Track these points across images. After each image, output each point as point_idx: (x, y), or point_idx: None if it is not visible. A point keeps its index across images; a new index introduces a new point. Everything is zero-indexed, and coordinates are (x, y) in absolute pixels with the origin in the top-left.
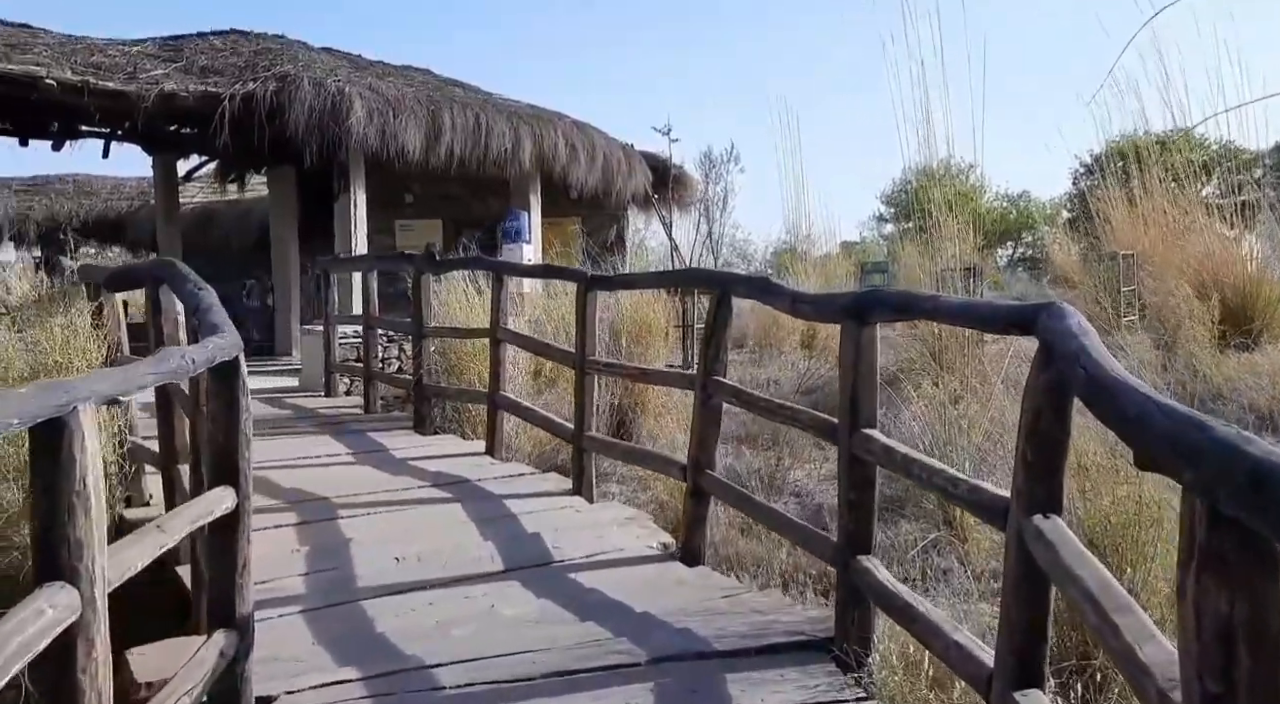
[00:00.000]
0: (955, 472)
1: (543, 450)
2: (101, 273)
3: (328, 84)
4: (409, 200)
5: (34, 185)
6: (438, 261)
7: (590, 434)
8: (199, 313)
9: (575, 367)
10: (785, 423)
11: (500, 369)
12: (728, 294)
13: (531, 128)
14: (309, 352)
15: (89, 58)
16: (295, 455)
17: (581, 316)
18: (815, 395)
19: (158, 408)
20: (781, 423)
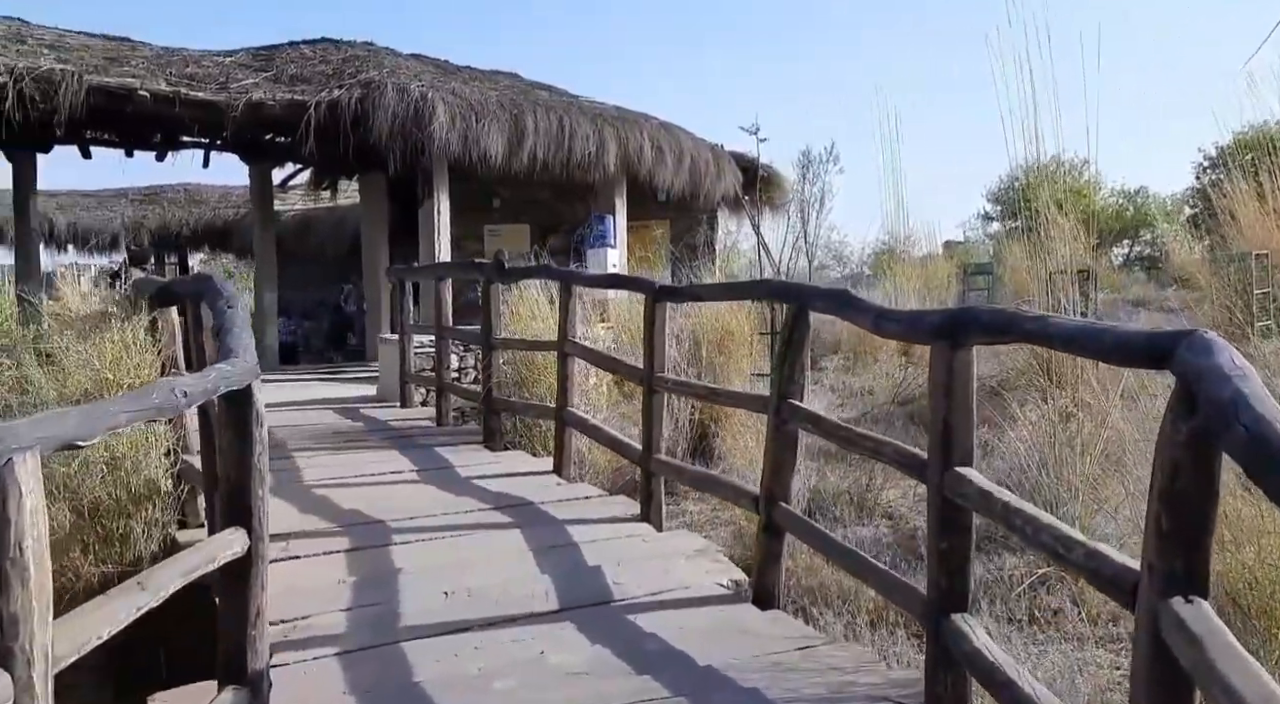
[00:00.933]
0: (1069, 530)
1: (618, 466)
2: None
3: (411, 89)
4: (496, 205)
5: (149, 194)
6: (506, 270)
7: (659, 457)
8: (220, 334)
9: (643, 384)
10: (868, 456)
11: (569, 384)
12: (805, 309)
13: (616, 130)
14: (386, 361)
15: (184, 69)
16: (359, 473)
17: (650, 330)
18: (913, 406)
19: (200, 427)
20: (863, 455)
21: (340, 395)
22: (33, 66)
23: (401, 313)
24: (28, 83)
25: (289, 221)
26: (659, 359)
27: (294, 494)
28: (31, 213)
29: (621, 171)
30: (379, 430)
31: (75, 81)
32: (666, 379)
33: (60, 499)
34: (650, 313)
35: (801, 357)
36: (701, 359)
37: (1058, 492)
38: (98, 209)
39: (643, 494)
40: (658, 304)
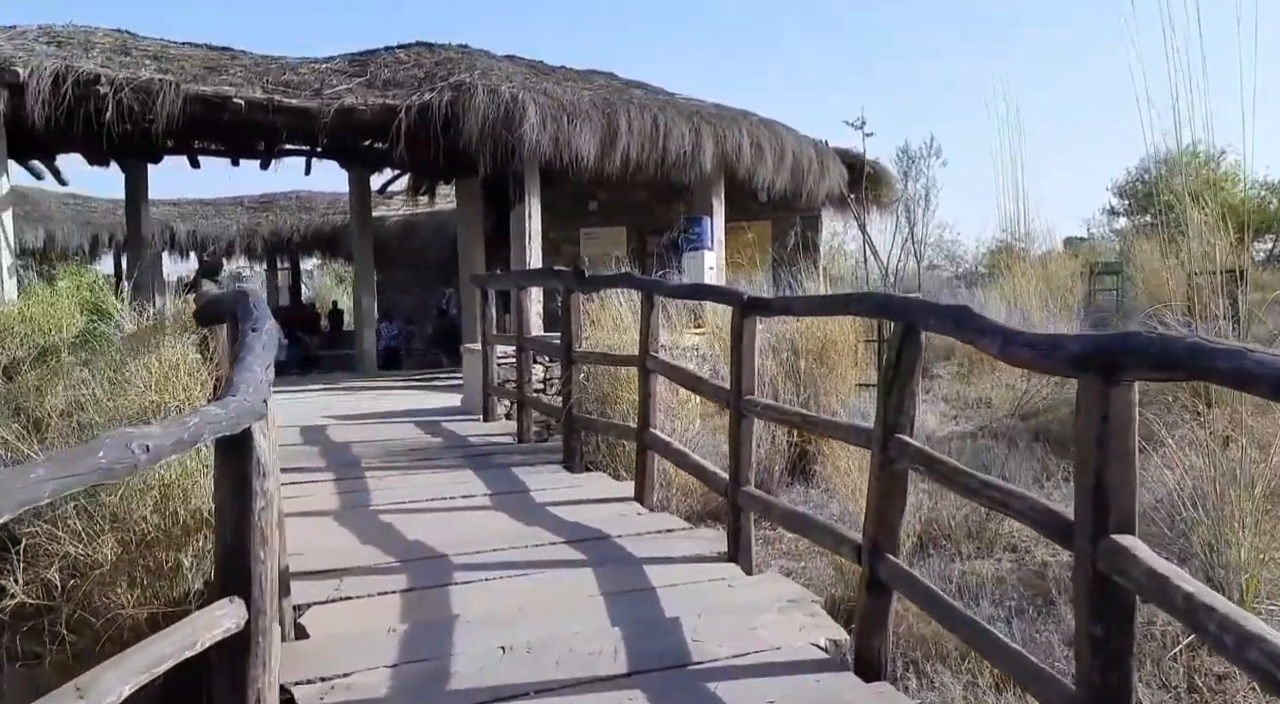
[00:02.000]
0: None
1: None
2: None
3: (502, 91)
4: (593, 208)
5: (263, 202)
6: (586, 278)
7: (747, 490)
8: (234, 362)
9: (729, 407)
10: (995, 509)
11: (651, 402)
12: (914, 328)
13: (713, 128)
14: (470, 372)
15: (280, 76)
16: (430, 496)
17: (737, 346)
18: (1037, 421)
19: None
20: (988, 508)
21: (426, 406)
22: (132, 77)
23: (484, 322)
24: (127, 93)
25: (393, 226)
26: (747, 379)
27: (358, 521)
28: (143, 221)
29: (719, 171)
30: (456, 448)
31: (173, 91)
32: (756, 402)
33: (107, 530)
34: (738, 327)
35: (911, 383)
36: (800, 372)
37: (1219, 532)
38: (215, 217)
39: (730, 530)
40: (746, 318)
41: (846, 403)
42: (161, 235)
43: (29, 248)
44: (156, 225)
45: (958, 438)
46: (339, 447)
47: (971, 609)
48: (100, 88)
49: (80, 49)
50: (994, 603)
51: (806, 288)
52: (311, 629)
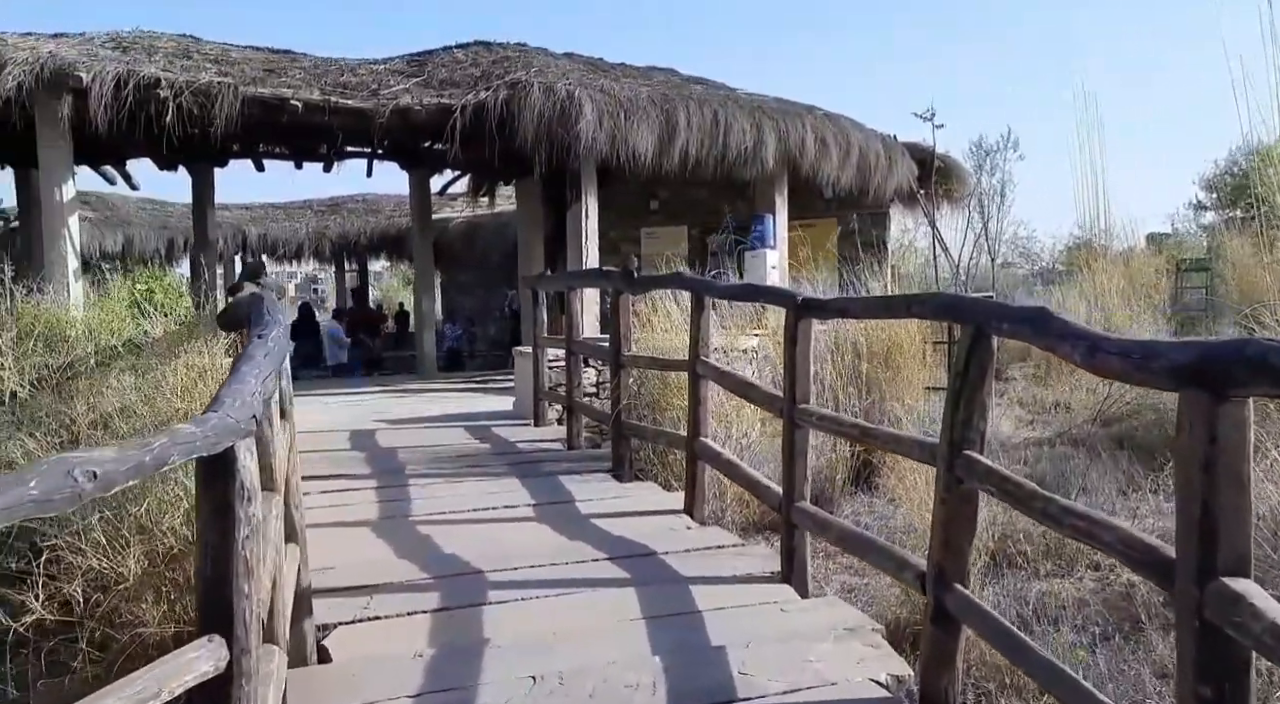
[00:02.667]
0: None
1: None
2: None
3: (557, 88)
4: (654, 207)
5: (331, 205)
6: (635, 279)
7: (801, 506)
8: (230, 373)
9: (783, 416)
10: (1079, 540)
11: (701, 409)
12: (984, 333)
13: (776, 123)
14: (521, 375)
15: (338, 78)
16: (472, 506)
17: (791, 351)
18: (1120, 427)
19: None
20: (1071, 537)
21: (479, 410)
22: (192, 80)
23: (535, 324)
24: (186, 96)
25: (456, 228)
26: (802, 386)
27: (396, 532)
28: (209, 223)
29: (782, 167)
30: (504, 454)
31: (231, 93)
32: (811, 411)
33: (133, 542)
34: (792, 330)
35: (981, 394)
36: (863, 375)
37: None
38: (285, 220)
39: (783, 549)
40: (800, 320)
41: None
42: (234, 239)
43: (109, 252)
44: (229, 229)
45: (1033, 445)
46: (386, 452)
47: (1050, 635)
48: (160, 91)
49: (144, 54)
50: (1075, 628)
51: (871, 288)
52: (335, 651)
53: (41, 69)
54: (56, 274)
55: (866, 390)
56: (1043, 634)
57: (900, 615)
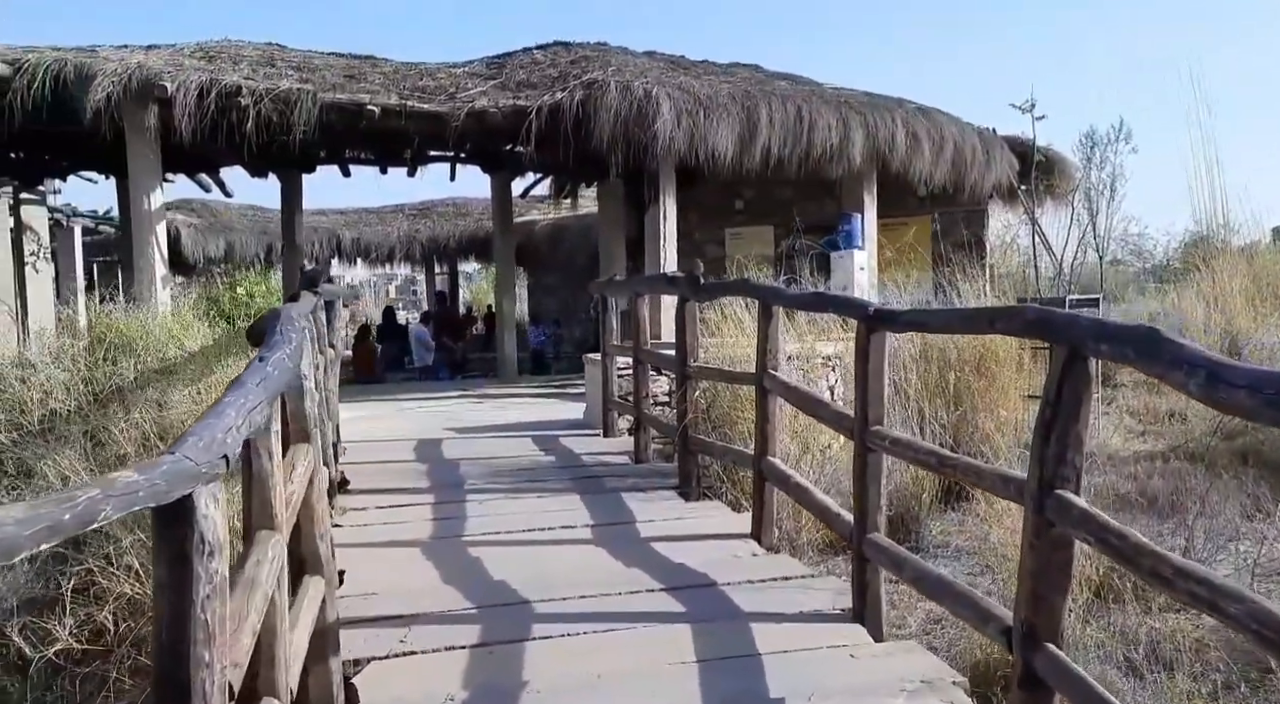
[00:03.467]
0: None
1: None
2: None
3: (634, 87)
4: (739, 206)
5: (422, 209)
6: (701, 286)
7: (875, 538)
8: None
9: (854, 438)
10: (1201, 609)
11: (770, 426)
12: (1080, 356)
13: (863, 118)
14: (592, 383)
15: (417, 82)
16: (527, 526)
17: (863, 366)
18: (1243, 441)
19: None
20: (1189, 605)
21: (549, 418)
22: (272, 87)
23: (603, 331)
24: (266, 103)
25: (542, 230)
26: (875, 406)
27: (446, 554)
28: (298, 229)
29: (871, 163)
30: (569, 468)
31: (310, 99)
32: (884, 434)
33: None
34: (863, 344)
35: (1076, 426)
36: (951, 385)
37: None
38: (378, 224)
39: (855, 584)
40: (873, 333)
41: (1008, 423)
42: (329, 243)
43: (212, 256)
44: (324, 233)
45: (1144, 459)
46: (448, 464)
47: (1163, 683)
48: (241, 99)
49: (229, 63)
50: (1193, 675)
51: (963, 291)
52: (364, 691)
53: (129, 80)
54: (144, 281)
55: (955, 402)
56: (1155, 682)
57: (991, 655)
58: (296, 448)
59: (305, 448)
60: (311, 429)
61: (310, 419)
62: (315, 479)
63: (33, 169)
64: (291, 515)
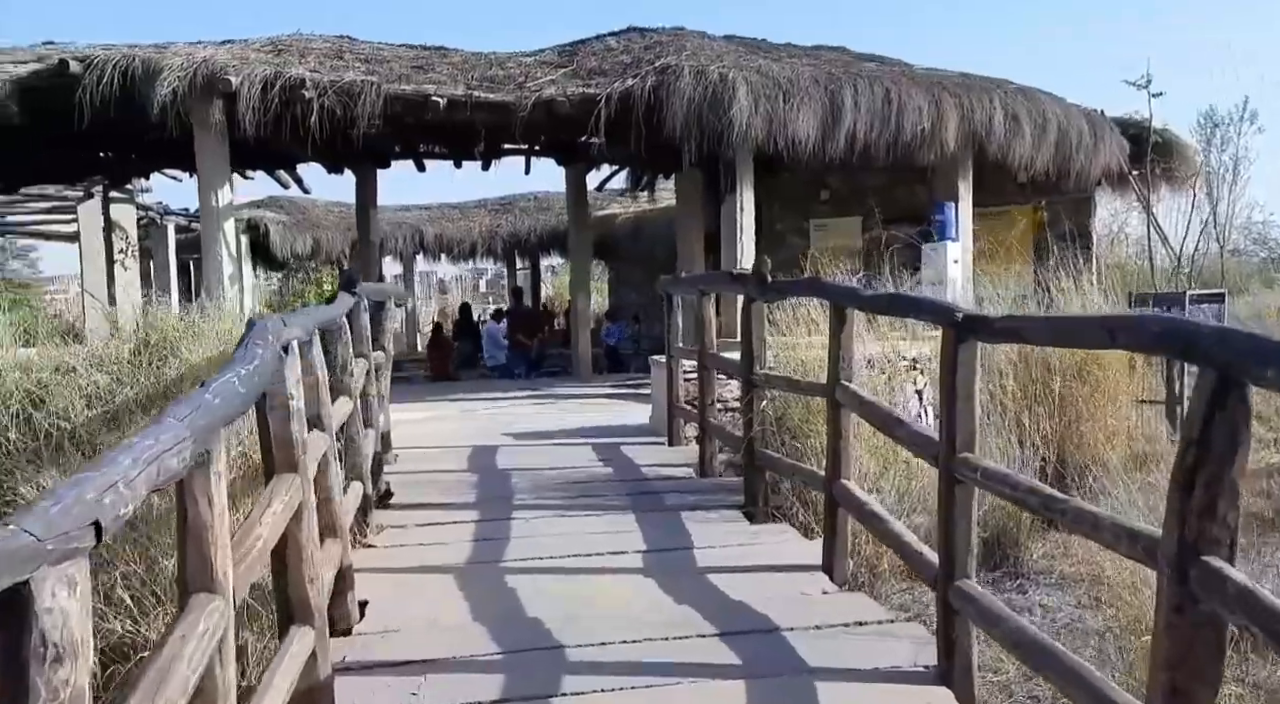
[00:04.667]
0: None
1: None
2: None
3: (710, 71)
4: (824, 196)
5: (504, 204)
6: (768, 284)
7: (964, 586)
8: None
9: (937, 466)
10: None
11: (842, 444)
12: (1235, 383)
13: (958, 100)
14: (658, 387)
15: (486, 72)
16: (572, 551)
17: (949, 381)
18: None
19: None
20: None
21: (614, 422)
22: (335, 79)
23: (668, 331)
24: (330, 96)
25: (623, 224)
26: (964, 428)
27: (480, 583)
28: (371, 226)
29: (966, 149)
30: (626, 481)
31: (374, 91)
32: (974, 465)
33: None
34: (949, 355)
35: (1229, 471)
36: (1053, 393)
37: None
38: (461, 220)
39: (941, 639)
40: (961, 343)
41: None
42: (412, 239)
43: (299, 253)
44: (408, 229)
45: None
46: (499, 475)
47: None
48: (305, 92)
49: (296, 56)
50: None
51: (1065, 290)
52: None
53: (195, 75)
54: (214, 279)
55: (1059, 410)
56: None
57: None
58: (278, 480)
59: (290, 479)
60: (300, 456)
61: (297, 445)
62: (305, 515)
63: (119, 167)
64: (250, 568)
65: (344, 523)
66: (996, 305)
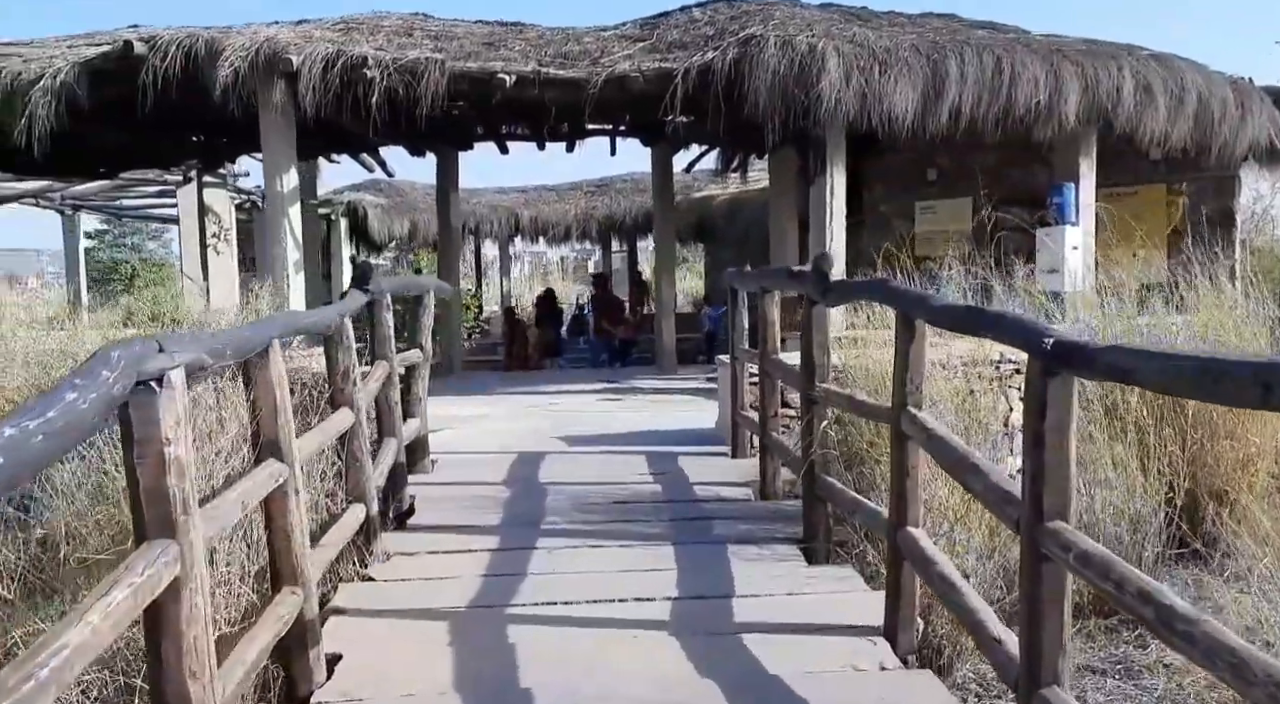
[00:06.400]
0: None
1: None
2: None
3: (797, 42)
4: (931, 176)
5: (600, 186)
6: (830, 285)
7: (1052, 695)
8: None
9: (1021, 534)
10: None
11: (908, 483)
12: None
13: (1080, 68)
14: (722, 387)
15: (561, 48)
16: (592, 596)
17: (1036, 426)
18: None
19: None
20: None
21: (679, 425)
22: (398, 57)
23: (732, 330)
24: (392, 75)
25: (719, 205)
26: (1054, 491)
27: (480, 634)
28: (452, 210)
29: (1089, 123)
30: (674, 503)
31: (438, 69)
32: (1068, 541)
33: None
34: (1038, 395)
35: None
36: (1185, 408)
37: None
38: (556, 202)
39: None
40: (1051, 379)
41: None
42: (508, 222)
43: (397, 236)
44: (503, 212)
45: None
46: (536, 491)
47: None
48: (368, 71)
49: (365, 34)
50: None
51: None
52: None
53: (257, 54)
54: (277, 268)
55: (1191, 428)
56: None
57: None
58: (145, 548)
59: (162, 547)
60: (179, 517)
61: (174, 503)
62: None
63: (210, 151)
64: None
65: (307, 566)
66: (1119, 301)
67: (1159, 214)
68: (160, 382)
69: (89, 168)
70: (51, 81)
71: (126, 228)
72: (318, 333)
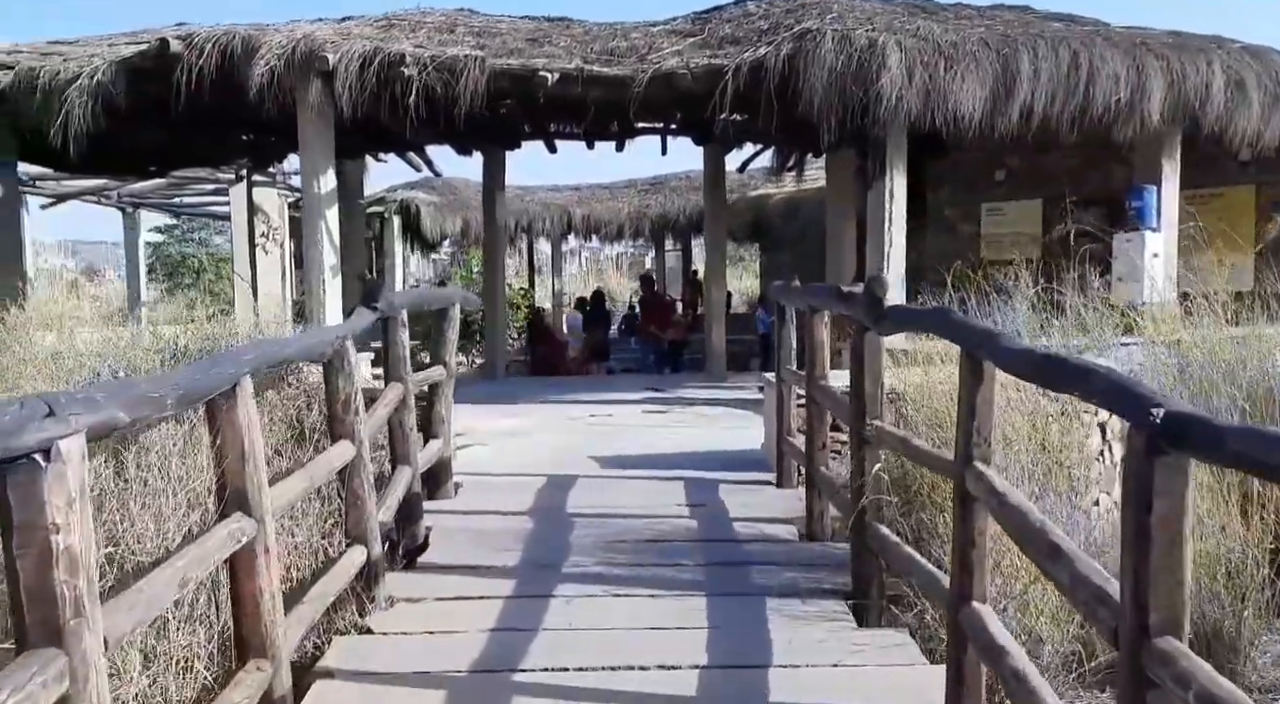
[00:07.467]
0: None
1: None
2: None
3: (855, 36)
4: (999, 177)
5: (654, 184)
6: (883, 311)
7: None
8: None
9: (1116, 645)
10: None
11: (974, 553)
12: None
13: (1164, 63)
14: (768, 409)
15: (607, 44)
16: (608, 660)
17: (1139, 521)
18: None
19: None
20: None
21: (722, 445)
22: (436, 54)
23: (778, 347)
24: (430, 72)
25: (775, 205)
26: (1162, 601)
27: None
28: (497, 209)
29: (1173, 122)
30: (711, 542)
31: (478, 67)
32: (1183, 673)
33: None
34: (1141, 475)
35: None
36: None
37: None
38: (610, 200)
39: None
40: (1159, 459)
41: None
42: (560, 220)
43: (449, 234)
44: (556, 210)
45: None
46: (562, 524)
47: None
48: (405, 68)
49: (405, 31)
50: None
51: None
52: None
53: (293, 52)
54: (314, 272)
55: None
56: None
57: None
58: (25, 658)
59: (45, 657)
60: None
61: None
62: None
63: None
64: None
65: (278, 635)
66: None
67: (1247, 218)
68: (48, 454)
69: (135, 166)
70: (88, 81)
71: (195, 223)
72: (308, 360)
